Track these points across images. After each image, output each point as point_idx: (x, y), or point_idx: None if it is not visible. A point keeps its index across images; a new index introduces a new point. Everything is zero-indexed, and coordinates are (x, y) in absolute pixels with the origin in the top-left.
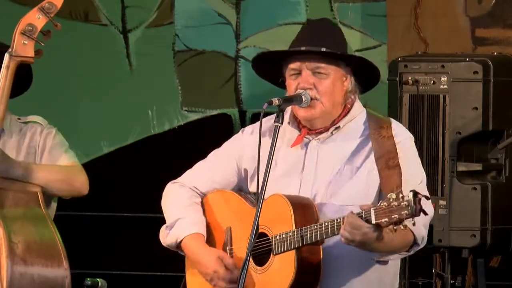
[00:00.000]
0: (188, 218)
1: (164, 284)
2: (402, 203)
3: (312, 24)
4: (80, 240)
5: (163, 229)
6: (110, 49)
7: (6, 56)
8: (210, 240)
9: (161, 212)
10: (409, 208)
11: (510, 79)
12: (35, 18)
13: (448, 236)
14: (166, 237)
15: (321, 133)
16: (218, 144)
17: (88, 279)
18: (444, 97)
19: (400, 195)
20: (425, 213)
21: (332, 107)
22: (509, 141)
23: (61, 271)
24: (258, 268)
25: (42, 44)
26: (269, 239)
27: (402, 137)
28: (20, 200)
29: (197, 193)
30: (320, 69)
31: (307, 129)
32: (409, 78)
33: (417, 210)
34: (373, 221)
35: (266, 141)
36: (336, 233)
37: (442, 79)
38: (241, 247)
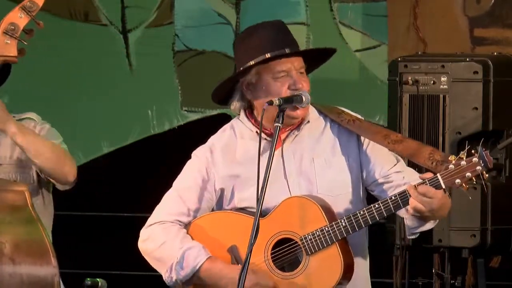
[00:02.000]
0: (195, 247)
1: (164, 284)
2: (473, 159)
3: (272, 25)
4: (80, 240)
5: (169, 269)
6: (110, 49)
7: None
8: None
9: None
10: (481, 162)
11: (510, 79)
12: (17, 17)
13: (448, 236)
14: (178, 273)
15: (291, 131)
16: None
17: (88, 279)
18: (444, 97)
19: (463, 154)
20: (494, 167)
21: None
22: (509, 141)
23: (50, 268)
24: (289, 273)
25: (25, 43)
26: (294, 243)
27: (362, 119)
28: (6, 199)
29: (180, 225)
30: (303, 68)
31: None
32: (409, 78)
33: (491, 162)
34: (443, 186)
35: (245, 148)
36: (393, 211)
37: (442, 79)
38: (259, 259)
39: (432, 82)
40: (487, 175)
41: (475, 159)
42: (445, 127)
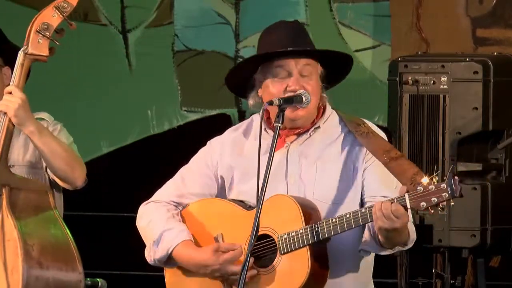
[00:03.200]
0: (174, 229)
1: (164, 284)
2: (441, 185)
3: (287, 26)
4: (80, 240)
5: (148, 248)
6: (110, 49)
7: (21, 54)
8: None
9: None
10: (449, 189)
11: (510, 79)
12: (51, 17)
13: (448, 236)
14: (155, 252)
15: (300, 134)
16: None
17: (88, 279)
18: (444, 97)
19: (436, 178)
20: (462, 195)
21: (315, 108)
22: (509, 141)
23: (76, 275)
24: (262, 269)
25: (57, 43)
26: (272, 239)
27: (383, 135)
28: (31, 200)
29: (175, 206)
30: (307, 70)
31: (286, 131)
32: (409, 78)
33: (458, 191)
34: (408, 206)
35: (251, 145)
36: (360, 223)
37: (442, 79)
38: None
39: (432, 82)
40: (452, 203)
41: (443, 185)
42: (445, 127)
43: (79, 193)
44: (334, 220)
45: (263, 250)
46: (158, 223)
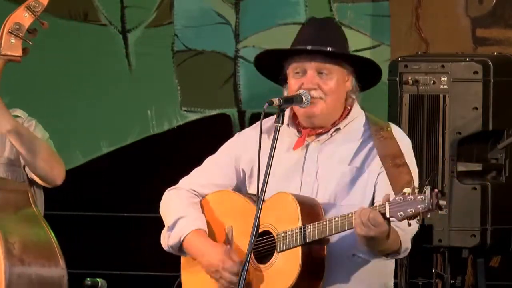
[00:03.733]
0: (189, 216)
1: (164, 284)
2: (418, 197)
3: (316, 23)
4: (80, 240)
5: (164, 232)
6: (109, 49)
7: None
8: (210, 238)
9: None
10: (426, 201)
11: (510, 79)
12: (22, 17)
13: (448, 236)
14: (168, 238)
15: (321, 134)
16: (217, 144)
17: (88, 279)
18: (444, 97)
19: (416, 190)
20: (441, 208)
21: (334, 108)
22: (509, 141)
23: (58, 270)
24: (261, 265)
25: (30, 43)
26: (273, 237)
27: (405, 141)
28: (10, 199)
29: (195, 194)
30: (325, 70)
31: (308, 130)
32: (409, 78)
33: (434, 204)
34: (387, 215)
35: (267, 142)
36: (346, 228)
37: (442, 79)
38: (243, 245)
39: (432, 82)
40: (428, 215)
41: (421, 197)
42: (445, 127)
43: (79, 193)
44: (324, 223)
45: (264, 246)
46: (176, 210)
